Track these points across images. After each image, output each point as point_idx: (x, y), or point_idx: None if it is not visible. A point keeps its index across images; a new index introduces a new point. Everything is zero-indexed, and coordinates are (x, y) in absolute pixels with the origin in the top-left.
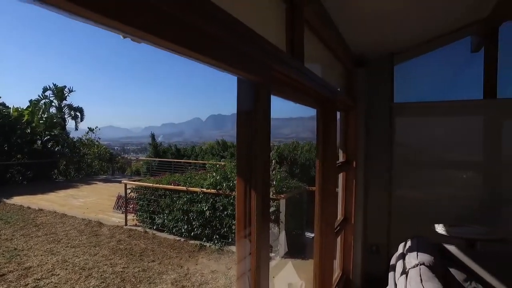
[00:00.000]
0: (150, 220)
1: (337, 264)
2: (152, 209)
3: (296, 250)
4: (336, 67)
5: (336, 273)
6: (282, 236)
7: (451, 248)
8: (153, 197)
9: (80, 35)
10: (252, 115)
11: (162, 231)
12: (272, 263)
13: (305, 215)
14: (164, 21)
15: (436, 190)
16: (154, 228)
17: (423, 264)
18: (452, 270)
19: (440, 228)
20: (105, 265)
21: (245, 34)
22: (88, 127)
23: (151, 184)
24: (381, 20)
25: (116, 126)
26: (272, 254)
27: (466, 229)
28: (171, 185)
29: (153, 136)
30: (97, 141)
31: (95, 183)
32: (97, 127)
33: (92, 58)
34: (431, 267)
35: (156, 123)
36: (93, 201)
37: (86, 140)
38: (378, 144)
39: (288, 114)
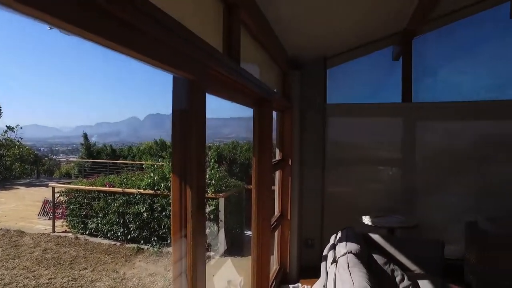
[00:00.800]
0: (82, 225)
1: (275, 259)
2: (84, 213)
3: (236, 247)
4: (273, 68)
5: (274, 267)
6: (222, 234)
7: (375, 236)
8: (85, 200)
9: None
10: (187, 113)
11: (96, 236)
12: (212, 262)
13: (244, 213)
14: (95, 16)
15: (364, 185)
16: (87, 233)
17: (351, 252)
18: (375, 256)
19: (366, 219)
20: (27, 278)
21: (181, 33)
22: (6, 126)
23: (84, 187)
24: (315, 26)
25: (42, 124)
26: (211, 253)
27: (388, 219)
28: (105, 186)
29: (85, 136)
30: (18, 141)
31: (16, 188)
32: (18, 125)
33: (11, 48)
34: (357, 255)
35: (89, 122)
36: (13, 208)
37: (3, 140)
38: (312, 142)
39: (228, 114)
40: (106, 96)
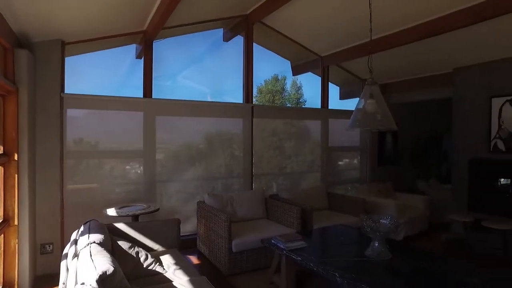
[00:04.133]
0: None
1: None
2: None
3: None
4: None
5: None
6: None
7: (120, 225)
8: None
9: None
10: None
11: None
12: None
13: None
14: None
15: (108, 179)
16: None
17: (94, 242)
18: (120, 242)
19: (111, 211)
20: None
21: None
22: None
23: None
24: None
25: None
26: None
27: (132, 208)
28: None
29: None
30: None
31: None
32: None
33: None
34: (101, 243)
35: None
36: None
37: None
38: (47, 135)
39: None
40: None
